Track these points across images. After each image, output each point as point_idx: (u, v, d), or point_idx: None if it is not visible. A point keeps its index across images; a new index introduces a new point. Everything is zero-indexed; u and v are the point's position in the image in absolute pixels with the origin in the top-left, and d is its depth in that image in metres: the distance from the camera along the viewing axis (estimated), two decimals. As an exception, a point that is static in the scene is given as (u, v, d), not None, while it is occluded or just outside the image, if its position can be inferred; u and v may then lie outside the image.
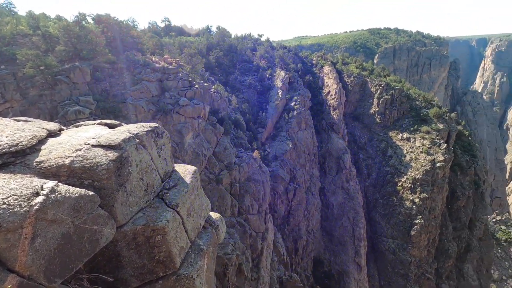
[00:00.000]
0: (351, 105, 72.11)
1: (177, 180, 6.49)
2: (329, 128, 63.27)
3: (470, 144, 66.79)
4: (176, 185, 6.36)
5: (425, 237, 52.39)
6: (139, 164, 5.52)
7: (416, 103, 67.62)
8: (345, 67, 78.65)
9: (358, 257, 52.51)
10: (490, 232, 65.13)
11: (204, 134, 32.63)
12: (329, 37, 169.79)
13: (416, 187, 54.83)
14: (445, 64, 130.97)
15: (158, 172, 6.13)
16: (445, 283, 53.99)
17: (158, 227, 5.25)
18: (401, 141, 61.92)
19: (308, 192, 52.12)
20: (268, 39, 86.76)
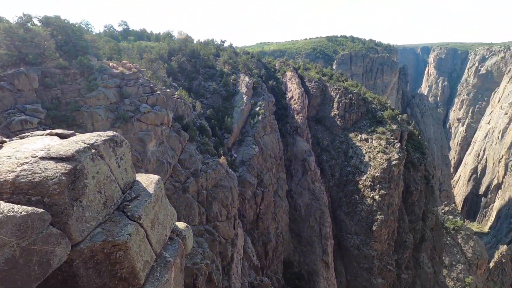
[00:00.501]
0: (313, 109, 74.92)
1: (139, 191, 6.18)
2: (294, 132, 64.99)
3: (420, 143, 72.95)
4: (138, 196, 6.05)
5: (385, 231, 55.81)
6: (96, 176, 5.16)
7: (372, 106, 72.33)
8: (306, 72, 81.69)
9: (326, 255, 54.23)
10: (440, 222, 71.38)
11: (168, 141, 31.61)
12: (290, 44, 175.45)
13: (375, 185, 58.36)
14: (396, 70, 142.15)
15: (118, 184, 5.78)
16: (405, 272, 57.88)
17: (119, 242, 4.93)
18: (360, 142, 65.66)
19: (276, 195, 52.81)
20: (231, 45, 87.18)
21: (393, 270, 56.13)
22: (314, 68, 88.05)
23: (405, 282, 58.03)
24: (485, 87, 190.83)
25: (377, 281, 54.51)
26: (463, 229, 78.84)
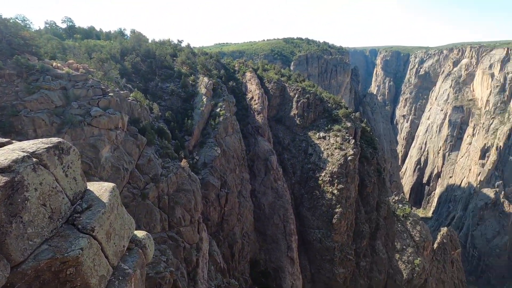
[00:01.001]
0: (273, 109, 76.45)
1: (92, 201, 5.73)
2: (255, 132, 65.65)
3: (371, 139, 78.51)
4: (90, 207, 5.61)
5: (344, 223, 59.05)
6: (40, 188, 4.67)
7: (328, 105, 76.01)
8: (265, 73, 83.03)
9: (291, 251, 55.69)
10: (391, 211, 77.55)
11: (124, 146, 29.83)
12: (249, 45, 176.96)
13: (333, 180, 61.43)
14: (348, 71, 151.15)
15: (66, 194, 5.30)
16: (363, 260, 61.82)
17: (69, 258, 4.52)
18: (319, 139, 68.61)
19: (240, 196, 52.84)
20: (189, 45, 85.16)
21: (352, 259, 59.60)
22: (273, 69, 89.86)
23: (363, 269, 62.01)
24: (424, 86, 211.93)
25: (338, 271, 57.43)
26: (411, 215, 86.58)
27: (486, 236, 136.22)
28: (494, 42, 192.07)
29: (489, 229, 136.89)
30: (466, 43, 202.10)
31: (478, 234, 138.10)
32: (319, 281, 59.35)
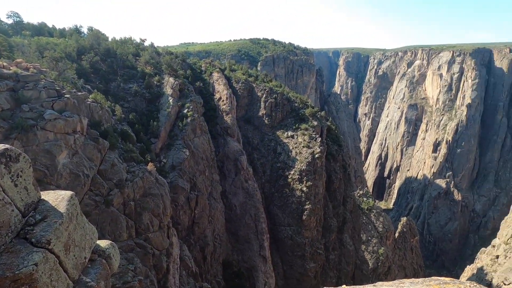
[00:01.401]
0: (242, 109, 76.55)
1: (47, 211, 5.30)
2: (224, 132, 65.23)
3: (337, 136, 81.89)
4: (45, 218, 5.18)
5: (313, 219, 60.90)
6: (-17, 200, 4.22)
7: (295, 105, 77.85)
8: (233, 73, 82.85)
9: (263, 250, 56.20)
10: (357, 205, 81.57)
11: (84, 151, 28.00)
12: (215, 45, 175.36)
13: (302, 177, 63.08)
14: (313, 71, 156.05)
15: (16, 206, 4.85)
16: (332, 253, 64.26)
17: (21, 275, 4.14)
18: (287, 138, 70.02)
19: (210, 198, 52.17)
20: (152, 44, 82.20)
21: (322, 253, 61.69)
22: (240, 69, 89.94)
23: (333, 262, 64.49)
24: (383, 86, 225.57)
25: (309, 265, 59.10)
26: (374, 208, 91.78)
27: (440, 223, 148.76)
28: (442, 45, 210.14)
29: (442, 216, 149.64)
30: (418, 46, 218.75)
31: (433, 222, 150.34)
32: (291, 277, 60.59)
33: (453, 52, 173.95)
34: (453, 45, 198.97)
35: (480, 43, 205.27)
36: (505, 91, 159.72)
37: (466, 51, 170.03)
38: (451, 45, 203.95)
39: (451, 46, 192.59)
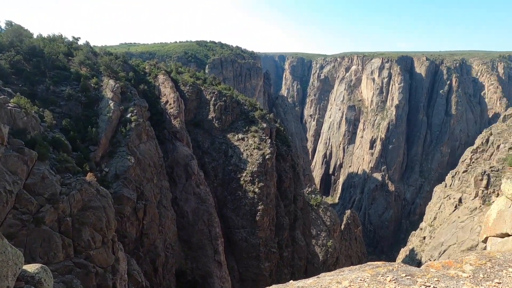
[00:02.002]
0: (191, 112, 74.75)
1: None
2: (173, 137, 62.87)
3: (285, 137, 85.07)
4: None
5: (266, 219, 62.24)
6: None
7: (244, 108, 78.76)
8: (179, 76, 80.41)
9: (218, 255, 55.46)
10: (306, 202, 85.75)
11: (5, 163, 24.33)
12: (160, 46, 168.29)
13: (254, 179, 64.05)
14: (261, 75, 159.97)
15: None
16: (285, 251, 66.40)
17: None
18: (238, 141, 70.44)
19: (160, 206, 49.68)
20: (88, 43, 75.39)
21: (276, 252, 63.34)
22: (188, 71, 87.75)
23: (286, 259, 66.65)
24: (325, 89, 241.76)
25: (264, 265, 60.18)
26: (322, 203, 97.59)
27: (378, 212, 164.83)
28: (373, 52, 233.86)
29: (379, 206, 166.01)
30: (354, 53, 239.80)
31: (373, 212, 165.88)
32: (247, 279, 60.92)
33: (382, 59, 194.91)
34: (383, 53, 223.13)
35: (403, 52, 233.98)
36: (424, 93, 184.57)
37: (393, 58, 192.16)
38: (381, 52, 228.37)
39: (381, 54, 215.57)
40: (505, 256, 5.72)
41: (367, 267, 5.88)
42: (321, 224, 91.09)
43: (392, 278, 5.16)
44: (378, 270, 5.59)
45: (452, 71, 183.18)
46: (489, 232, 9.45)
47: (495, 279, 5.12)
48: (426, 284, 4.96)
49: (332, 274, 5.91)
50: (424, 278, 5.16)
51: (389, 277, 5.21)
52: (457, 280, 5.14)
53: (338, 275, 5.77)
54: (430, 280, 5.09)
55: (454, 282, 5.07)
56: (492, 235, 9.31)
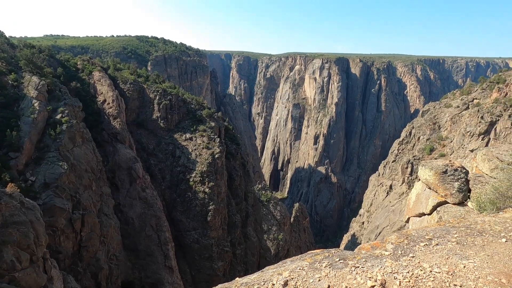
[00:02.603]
0: (133, 112, 70.06)
1: None
2: (113, 139, 58.13)
3: (234, 136, 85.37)
4: None
5: (218, 218, 61.78)
6: None
7: (191, 106, 76.71)
8: (118, 73, 74.63)
9: (168, 260, 53.22)
10: (257, 198, 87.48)
11: None
12: (94, 40, 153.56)
13: (204, 179, 62.97)
14: (207, 73, 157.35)
15: None
16: (238, 248, 66.85)
17: None
18: (186, 141, 68.35)
19: (101, 215, 45.54)
20: (3, 34, 65.13)
21: (229, 250, 63.35)
22: (128, 68, 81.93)
23: (239, 256, 67.15)
24: (271, 88, 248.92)
25: (218, 265, 59.75)
26: (272, 199, 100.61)
27: (323, 203, 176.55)
28: (314, 53, 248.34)
29: (324, 197, 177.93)
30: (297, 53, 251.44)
31: (318, 203, 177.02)
32: (200, 281, 59.74)
33: (322, 60, 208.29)
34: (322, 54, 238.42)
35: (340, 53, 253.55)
36: (359, 92, 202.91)
37: (332, 59, 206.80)
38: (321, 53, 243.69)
39: (321, 55, 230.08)
40: (418, 233, 6.55)
41: (307, 256, 6.29)
42: (272, 219, 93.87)
43: (327, 264, 5.65)
44: (316, 257, 6.04)
45: (381, 72, 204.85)
46: (410, 213, 10.95)
47: (410, 254, 5.86)
48: (356, 265, 5.54)
49: (276, 267, 6.16)
50: (354, 260, 5.75)
51: (325, 263, 5.68)
52: (381, 258, 5.77)
53: (280, 267, 6.05)
54: (359, 261, 5.68)
55: (378, 260, 5.70)
56: (412, 216, 10.79)
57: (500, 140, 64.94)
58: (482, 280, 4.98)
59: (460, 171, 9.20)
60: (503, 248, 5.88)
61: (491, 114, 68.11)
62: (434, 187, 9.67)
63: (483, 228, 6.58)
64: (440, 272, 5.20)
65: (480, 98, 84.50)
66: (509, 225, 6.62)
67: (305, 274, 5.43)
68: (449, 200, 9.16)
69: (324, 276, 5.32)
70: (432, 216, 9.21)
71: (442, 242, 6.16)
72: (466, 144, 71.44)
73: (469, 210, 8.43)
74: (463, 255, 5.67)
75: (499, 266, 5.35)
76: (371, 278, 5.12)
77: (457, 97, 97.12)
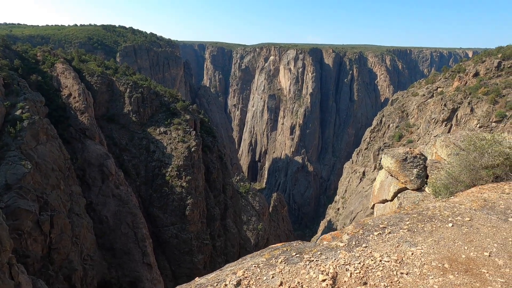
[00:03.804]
0: (102, 106, 66.81)
1: None
2: (81, 135, 55.27)
3: (210, 128, 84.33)
4: None
5: (197, 212, 61.35)
6: None
7: (164, 99, 74.48)
8: (84, 65, 70.48)
9: (147, 257, 52.28)
10: (235, 190, 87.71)
11: None
12: (55, 29, 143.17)
13: (181, 173, 61.95)
14: (180, 64, 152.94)
15: None
16: (218, 240, 67.05)
17: None
18: (160, 135, 66.54)
19: (71, 215, 43.51)
20: None
21: (209, 243, 63.36)
22: (94, 60, 77.56)
23: (219, 248, 67.44)
24: (246, 79, 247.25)
25: (198, 258, 59.66)
26: (250, 190, 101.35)
27: (300, 192, 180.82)
28: (289, 44, 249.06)
29: (301, 186, 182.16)
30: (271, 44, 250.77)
31: (296, 192, 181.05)
32: (181, 276, 59.45)
33: (296, 50, 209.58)
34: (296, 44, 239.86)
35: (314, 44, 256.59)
36: (332, 82, 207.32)
37: (306, 50, 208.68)
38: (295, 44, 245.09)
39: (295, 45, 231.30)
40: (374, 222, 6.64)
41: (267, 251, 6.13)
42: (251, 210, 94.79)
43: (283, 259, 5.53)
44: (274, 252, 5.88)
45: (353, 63, 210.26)
46: (375, 199, 11.50)
47: (363, 244, 5.89)
48: (310, 259, 5.44)
49: (235, 264, 6.00)
50: (310, 253, 5.67)
51: (281, 258, 5.55)
52: (335, 250, 5.75)
53: (238, 264, 5.91)
54: (315, 255, 5.60)
55: (333, 252, 5.68)
56: (377, 202, 11.35)
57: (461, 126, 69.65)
58: (427, 266, 5.13)
59: (419, 158, 9.72)
60: (449, 233, 6.10)
61: (453, 102, 72.59)
62: (395, 175, 10.10)
63: (433, 214, 6.74)
64: (389, 261, 5.28)
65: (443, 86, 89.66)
66: (457, 210, 6.86)
67: (259, 271, 5.28)
68: (409, 187, 9.66)
69: (278, 272, 5.18)
70: (394, 202, 9.72)
71: (395, 230, 6.23)
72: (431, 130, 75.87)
73: (427, 195, 8.97)
74: (412, 242, 5.81)
75: (443, 251, 5.52)
76: (323, 271, 5.10)
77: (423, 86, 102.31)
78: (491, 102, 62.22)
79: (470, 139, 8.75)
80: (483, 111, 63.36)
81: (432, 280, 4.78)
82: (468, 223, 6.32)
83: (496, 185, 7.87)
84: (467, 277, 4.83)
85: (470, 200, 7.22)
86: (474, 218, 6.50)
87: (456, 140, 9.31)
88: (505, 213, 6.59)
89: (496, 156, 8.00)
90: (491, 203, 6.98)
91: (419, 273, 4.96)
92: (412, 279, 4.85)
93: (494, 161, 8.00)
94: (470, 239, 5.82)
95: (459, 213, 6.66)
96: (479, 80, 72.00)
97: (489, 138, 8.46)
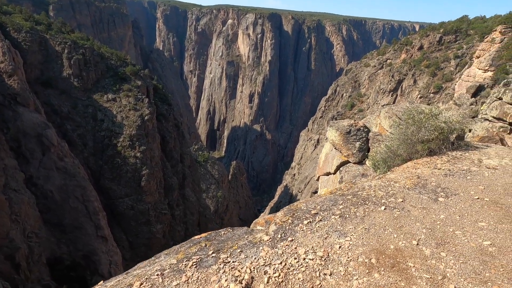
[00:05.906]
0: (35, 68, 58.49)
1: None
2: (11, 102, 48.37)
3: (165, 95, 79.81)
4: None
5: (153, 183, 59.77)
6: None
7: (111, 62, 67.58)
8: (7, 18, 59.70)
9: (101, 230, 50.43)
10: (194, 159, 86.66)
11: None
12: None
13: (134, 143, 58.77)
14: (128, 23, 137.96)
15: None
16: (177, 210, 67.05)
17: None
18: (108, 102, 61.26)
19: (8, 191, 39.29)
20: None
21: (167, 213, 63.03)
22: (20, 12, 66.02)
23: (179, 217, 67.69)
24: (203, 43, 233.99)
25: (156, 228, 59.37)
26: (209, 159, 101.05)
27: (259, 159, 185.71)
28: (247, 7, 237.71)
29: (260, 154, 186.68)
30: (229, 6, 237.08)
31: (255, 159, 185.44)
32: (138, 246, 59.06)
33: (256, 15, 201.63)
34: (255, 8, 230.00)
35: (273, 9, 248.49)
36: (291, 50, 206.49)
37: (265, 14, 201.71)
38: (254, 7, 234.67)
39: (254, 9, 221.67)
40: (307, 206, 6.18)
41: (183, 247, 5.43)
42: (210, 178, 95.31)
43: (195, 261, 4.87)
44: (190, 250, 5.20)
45: (312, 31, 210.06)
46: (320, 172, 11.98)
47: (289, 237, 5.32)
48: (226, 260, 4.81)
49: (147, 263, 5.27)
50: (229, 252, 5.06)
51: (194, 260, 4.89)
52: (258, 246, 5.16)
53: (154, 262, 5.19)
54: (234, 253, 5.01)
55: (254, 249, 5.09)
56: (321, 174, 11.84)
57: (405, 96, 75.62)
58: (352, 264, 4.77)
59: (362, 131, 9.84)
60: (380, 218, 5.77)
61: (399, 73, 77.76)
62: (339, 148, 10.13)
63: (368, 195, 6.49)
64: (314, 258, 4.86)
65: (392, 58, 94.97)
66: (391, 189, 6.68)
67: (160, 282, 4.53)
68: (351, 160, 9.82)
69: (184, 282, 4.48)
70: (336, 175, 10.03)
71: (327, 216, 5.87)
72: (380, 100, 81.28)
73: (367, 168, 9.33)
74: (342, 232, 5.45)
75: (372, 242, 5.18)
76: (237, 278, 4.51)
77: (374, 57, 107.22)
78: (431, 74, 67.88)
79: (410, 113, 8.73)
80: (424, 82, 69.16)
81: (356, 281, 4.45)
82: (401, 204, 6.18)
83: (429, 159, 8.01)
84: (393, 275, 4.54)
85: (404, 177, 7.19)
86: (406, 198, 6.39)
87: (398, 111, 9.69)
88: (436, 191, 6.58)
89: (432, 130, 8.11)
90: (424, 180, 7.01)
91: (344, 273, 4.61)
92: (335, 281, 4.46)
93: (430, 135, 8.10)
94: (400, 225, 5.61)
95: (393, 193, 6.57)
96: (423, 54, 77.51)
97: (427, 111, 8.57)
